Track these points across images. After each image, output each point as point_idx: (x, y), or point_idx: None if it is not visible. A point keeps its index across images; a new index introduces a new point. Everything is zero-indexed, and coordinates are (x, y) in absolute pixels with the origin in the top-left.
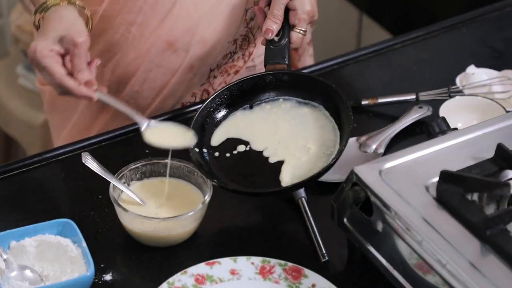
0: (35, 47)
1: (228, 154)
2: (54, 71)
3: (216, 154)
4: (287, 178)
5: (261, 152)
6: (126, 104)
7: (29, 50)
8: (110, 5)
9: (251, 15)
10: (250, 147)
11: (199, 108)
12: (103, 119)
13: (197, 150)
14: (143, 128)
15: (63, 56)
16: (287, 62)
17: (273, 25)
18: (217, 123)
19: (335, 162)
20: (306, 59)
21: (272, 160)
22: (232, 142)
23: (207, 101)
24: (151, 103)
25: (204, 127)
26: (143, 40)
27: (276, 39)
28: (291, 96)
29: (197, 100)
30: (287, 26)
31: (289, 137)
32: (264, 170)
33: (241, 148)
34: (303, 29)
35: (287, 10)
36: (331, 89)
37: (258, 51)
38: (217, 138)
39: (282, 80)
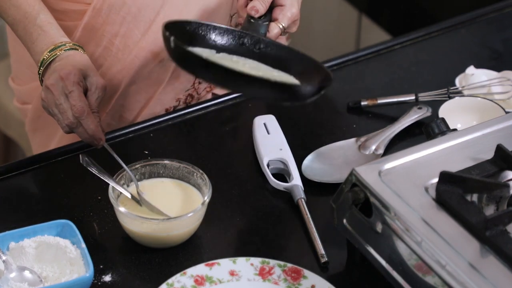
0: (69, 70)
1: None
2: (82, 99)
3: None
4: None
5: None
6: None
7: (60, 72)
8: (93, 18)
9: (236, 21)
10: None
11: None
12: None
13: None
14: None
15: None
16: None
17: (260, 7)
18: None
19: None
20: None
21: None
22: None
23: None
24: (138, 115)
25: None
26: (127, 52)
27: (257, 18)
28: (261, 62)
29: (181, 104)
30: (269, 15)
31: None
32: None
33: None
34: (283, 24)
35: (271, 7)
36: (304, 58)
37: None
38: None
39: (256, 47)
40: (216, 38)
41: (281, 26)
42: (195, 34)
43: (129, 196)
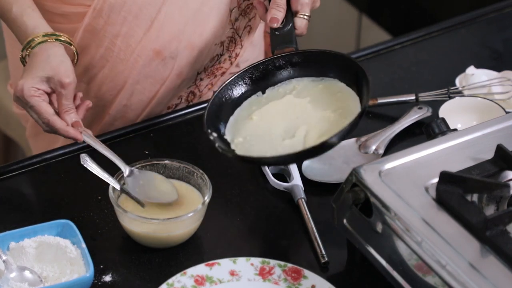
0: (22, 85)
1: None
2: (42, 110)
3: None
4: (311, 141)
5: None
6: (109, 149)
7: (16, 89)
8: (93, 20)
9: (236, 15)
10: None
11: (209, 99)
12: (94, 133)
13: (215, 134)
14: (125, 174)
15: (49, 94)
16: (295, 45)
17: (278, 14)
18: (232, 110)
19: (360, 118)
20: None
21: (293, 134)
22: None
23: (218, 91)
24: (140, 114)
25: (218, 116)
26: (130, 52)
27: (280, 26)
28: (303, 76)
29: (183, 101)
30: (289, 12)
31: (306, 112)
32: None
33: None
34: (306, 14)
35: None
36: (343, 58)
37: (244, 54)
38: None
39: (292, 62)
40: (258, 82)
41: (305, 17)
42: (242, 85)
43: (129, 195)
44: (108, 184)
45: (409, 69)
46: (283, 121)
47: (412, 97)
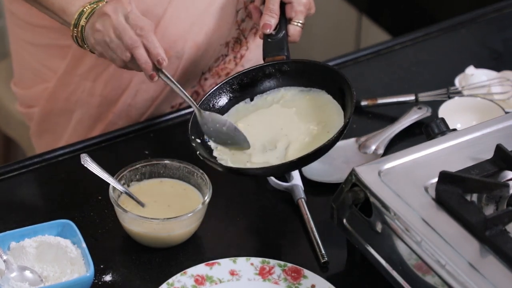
0: (126, 7)
1: None
2: (141, 17)
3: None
4: (292, 156)
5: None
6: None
7: (114, 3)
8: None
9: (242, 16)
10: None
11: (198, 102)
12: (97, 131)
13: (198, 141)
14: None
15: None
16: (286, 54)
17: (271, 20)
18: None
19: (340, 135)
20: None
21: (275, 145)
22: None
23: (206, 95)
24: (144, 113)
25: None
26: None
27: (273, 32)
28: (292, 85)
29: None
30: (283, 19)
31: (291, 123)
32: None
33: None
34: (300, 21)
35: (282, 4)
36: (331, 72)
37: (250, 55)
38: None
39: (282, 71)
40: (247, 88)
41: (299, 24)
42: (231, 92)
43: (130, 195)
44: (108, 184)
45: (408, 69)
46: (267, 131)
47: (411, 97)
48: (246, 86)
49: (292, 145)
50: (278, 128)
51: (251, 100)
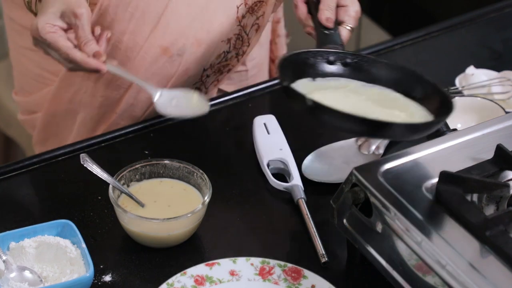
0: (36, 24)
1: None
2: (59, 45)
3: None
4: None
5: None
6: (137, 77)
7: (31, 29)
8: (100, 17)
9: (243, 12)
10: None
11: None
12: (100, 133)
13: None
14: (155, 98)
15: (66, 31)
16: (343, 48)
17: (333, 16)
18: (297, 75)
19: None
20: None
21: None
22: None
23: (298, 51)
24: (146, 111)
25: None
26: (137, 49)
27: (332, 26)
28: (354, 78)
29: None
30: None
31: (372, 106)
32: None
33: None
34: (351, 25)
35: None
36: (404, 71)
37: (252, 53)
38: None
39: (345, 62)
40: (310, 67)
41: (349, 28)
42: (302, 65)
43: (130, 195)
44: (108, 184)
45: None
46: (355, 107)
47: None
48: (312, 65)
49: (401, 114)
50: (363, 106)
51: (314, 80)
